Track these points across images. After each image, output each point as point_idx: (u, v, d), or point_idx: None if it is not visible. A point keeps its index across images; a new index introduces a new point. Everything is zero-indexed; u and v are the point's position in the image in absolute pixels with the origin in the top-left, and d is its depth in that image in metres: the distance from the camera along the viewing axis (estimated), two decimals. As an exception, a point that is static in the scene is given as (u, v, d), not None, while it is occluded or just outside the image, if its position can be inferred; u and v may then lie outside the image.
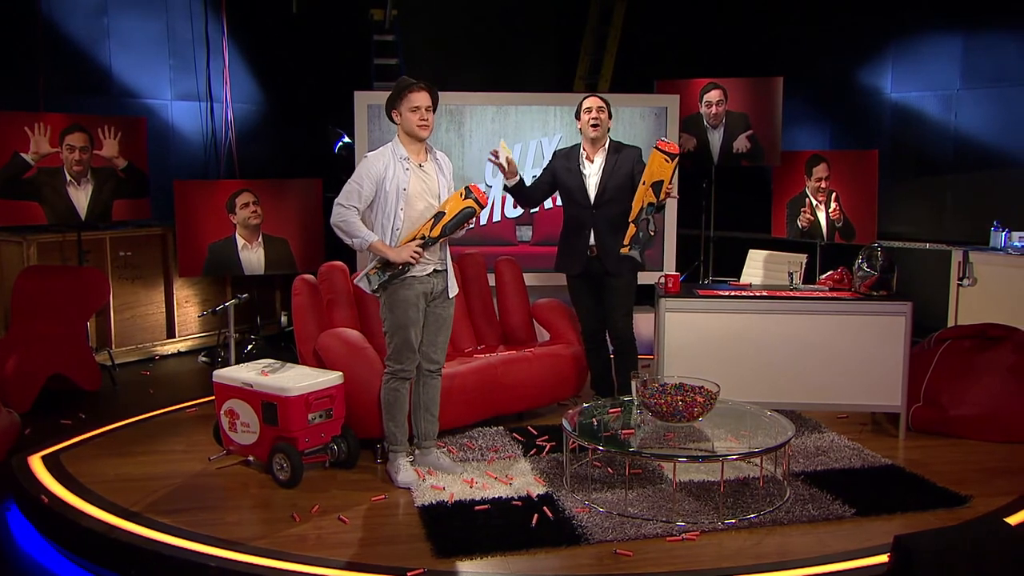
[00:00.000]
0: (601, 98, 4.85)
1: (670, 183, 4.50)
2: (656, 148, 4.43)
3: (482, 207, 4.03)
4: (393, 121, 4.09)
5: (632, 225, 4.60)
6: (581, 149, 4.89)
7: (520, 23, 9.00)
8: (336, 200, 4.00)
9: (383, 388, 4.18)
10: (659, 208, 4.53)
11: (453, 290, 4.20)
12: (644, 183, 4.52)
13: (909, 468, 4.30)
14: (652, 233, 4.61)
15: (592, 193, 4.81)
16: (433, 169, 4.11)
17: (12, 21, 6.36)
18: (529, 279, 5.69)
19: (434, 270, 4.09)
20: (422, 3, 8.29)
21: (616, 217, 4.76)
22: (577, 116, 4.86)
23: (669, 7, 8.71)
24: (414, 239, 3.96)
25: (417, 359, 4.14)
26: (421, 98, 3.99)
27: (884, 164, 6.84)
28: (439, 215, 4.00)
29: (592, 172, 4.84)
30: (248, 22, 7.71)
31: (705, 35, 8.52)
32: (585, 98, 4.85)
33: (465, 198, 3.98)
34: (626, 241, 4.63)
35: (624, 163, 4.80)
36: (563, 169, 4.91)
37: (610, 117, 4.84)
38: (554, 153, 5.09)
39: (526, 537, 3.51)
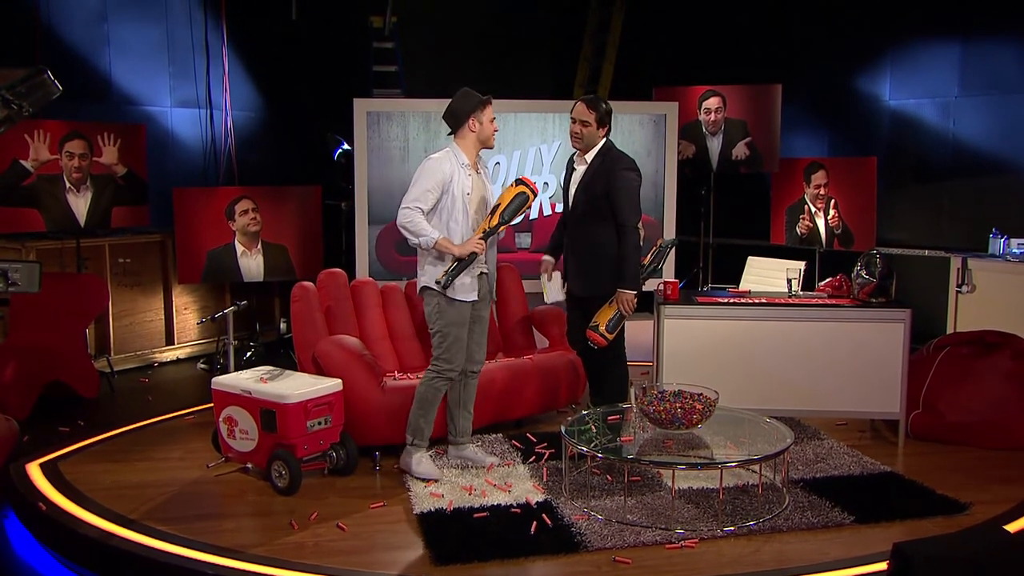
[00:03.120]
0: (590, 106, 4.40)
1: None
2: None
3: (535, 194, 4.15)
4: (456, 129, 4.18)
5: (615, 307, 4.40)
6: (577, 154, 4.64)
7: (519, 30, 9.01)
8: (402, 204, 4.08)
9: (424, 384, 4.23)
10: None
11: (494, 291, 4.37)
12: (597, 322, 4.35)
13: (908, 475, 4.30)
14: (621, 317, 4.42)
15: (570, 204, 4.57)
16: (484, 176, 4.30)
17: (12, 27, 6.37)
18: (528, 286, 5.68)
19: (481, 273, 4.22)
20: (421, 10, 8.31)
21: (590, 235, 4.42)
22: None
23: (667, 15, 8.73)
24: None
25: (464, 360, 4.25)
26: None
27: (882, 171, 6.86)
28: (495, 208, 4.13)
29: (574, 181, 4.55)
30: (248, 29, 7.73)
31: (703, 42, 8.54)
32: (575, 104, 4.49)
33: (517, 185, 4.11)
34: (601, 325, 4.39)
35: (599, 176, 4.38)
36: (565, 175, 4.69)
37: (601, 126, 4.42)
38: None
39: (525, 544, 3.50)
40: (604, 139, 4.48)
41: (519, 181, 4.13)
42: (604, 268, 4.42)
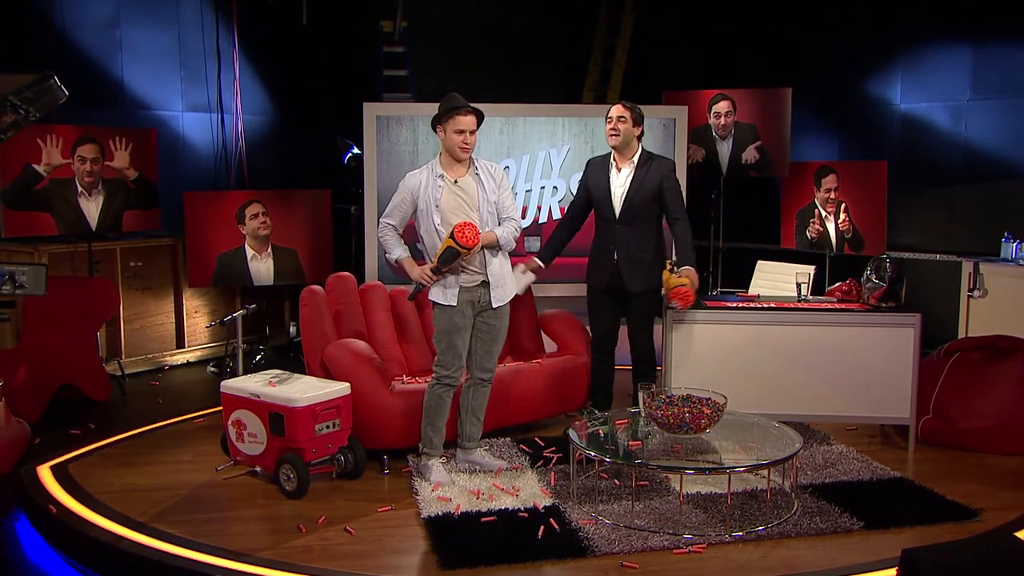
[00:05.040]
0: (626, 106, 4.70)
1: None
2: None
3: (465, 248, 4.02)
4: (436, 132, 4.22)
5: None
6: (611, 158, 4.82)
7: (529, 35, 9.02)
8: (381, 216, 4.36)
9: (427, 392, 4.28)
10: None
11: (498, 301, 4.26)
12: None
13: (918, 481, 4.28)
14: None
15: (617, 206, 4.73)
16: (472, 183, 4.21)
17: (25, 33, 6.42)
18: (537, 290, 5.68)
19: (482, 282, 4.20)
20: (431, 15, 8.33)
21: (640, 233, 4.72)
22: None
23: (677, 19, 8.72)
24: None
25: (462, 366, 4.26)
26: (467, 122, 4.11)
27: (893, 175, 6.83)
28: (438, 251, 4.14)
29: (618, 184, 4.75)
30: (258, 34, 7.77)
31: (714, 46, 8.52)
32: (611, 108, 4.76)
33: (449, 239, 4.04)
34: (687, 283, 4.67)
35: (652, 177, 4.69)
36: (593, 179, 4.85)
37: (636, 125, 4.71)
38: (587, 163, 4.99)
39: (532, 549, 3.51)
40: (641, 140, 4.78)
41: (452, 232, 4.01)
42: (655, 263, 4.76)
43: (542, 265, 4.95)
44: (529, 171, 6.44)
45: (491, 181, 4.25)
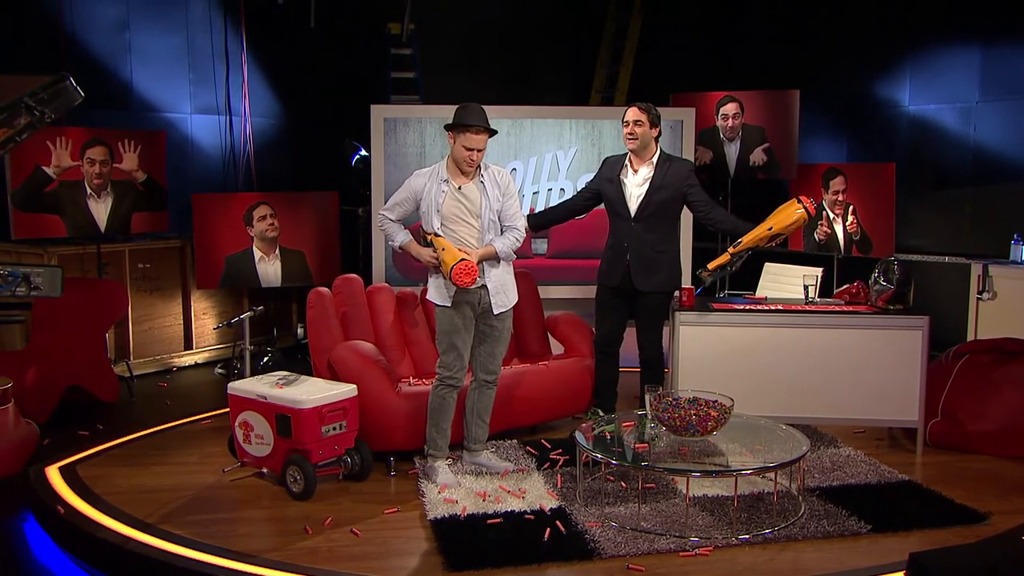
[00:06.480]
0: (642, 108, 4.70)
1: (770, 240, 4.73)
2: (801, 203, 4.72)
3: (457, 287, 4.05)
4: (447, 135, 4.25)
5: (728, 254, 4.74)
6: (627, 159, 4.84)
7: (536, 37, 9.03)
8: (381, 208, 4.46)
9: (431, 393, 4.31)
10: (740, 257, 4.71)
11: (498, 308, 4.27)
12: (772, 228, 4.68)
13: (926, 484, 4.26)
14: (732, 269, 4.78)
15: (633, 206, 4.75)
16: (476, 190, 4.21)
17: (35, 35, 6.46)
18: (544, 292, 5.69)
19: (482, 285, 4.22)
20: (439, 17, 8.35)
21: (655, 233, 4.75)
22: None
23: (685, 21, 8.71)
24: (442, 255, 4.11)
25: (464, 367, 4.27)
26: (477, 140, 4.11)
27: (902, 177, 6.80)
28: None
29: (635, 184, 4.76)
30: (267, 36, 7.80)
31: (721, 48, 8.51)
32: (627, 109, 4.77)
33: (448, 274, 4.03)
34: (712, 266, 4.75)
35: (673, 177, 4.73)
36: (605, 179, 4.88)
37: (654, 126, 4.72)
38: (603, 160, 5.03)
39: (538, 551, 3.51)
40: (658, 140, 4.81)
41: (450, 273, 3.99)
42: (668, 265, 4.81)
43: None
44: (536, 173, 6.44)
45: (496, 189, 4.23)
